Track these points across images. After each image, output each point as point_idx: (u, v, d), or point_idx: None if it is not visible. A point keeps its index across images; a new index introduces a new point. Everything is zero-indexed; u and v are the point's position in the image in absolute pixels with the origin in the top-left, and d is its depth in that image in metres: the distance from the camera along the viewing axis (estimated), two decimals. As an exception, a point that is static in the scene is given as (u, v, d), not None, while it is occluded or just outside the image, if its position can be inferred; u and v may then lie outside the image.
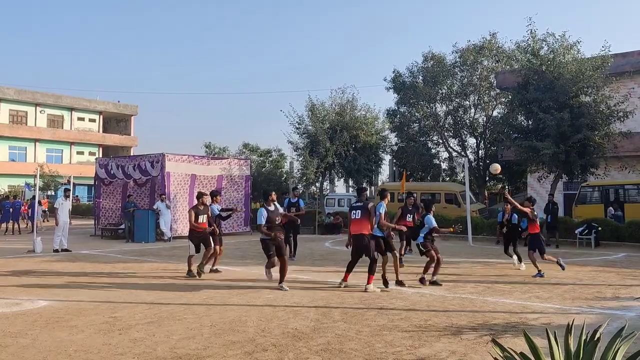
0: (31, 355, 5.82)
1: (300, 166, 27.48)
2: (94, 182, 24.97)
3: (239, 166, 24.32)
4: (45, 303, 8.63)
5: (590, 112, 20.58)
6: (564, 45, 21.61)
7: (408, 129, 34.52)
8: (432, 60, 34.24)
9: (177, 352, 5.96)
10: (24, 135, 54.25)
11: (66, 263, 13.83)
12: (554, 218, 19.27)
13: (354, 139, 27.14)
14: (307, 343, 6.39)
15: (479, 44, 33.58)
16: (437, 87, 33.08)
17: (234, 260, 14.59)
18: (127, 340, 6.45)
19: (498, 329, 7.10)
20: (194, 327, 7.09)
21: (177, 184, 21.48)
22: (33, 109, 56.14)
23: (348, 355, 5.89)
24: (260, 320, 7.48)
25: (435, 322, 7.47)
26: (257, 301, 8.88)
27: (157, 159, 21.42)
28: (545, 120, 20.25)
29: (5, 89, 53.78)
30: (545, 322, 7.42)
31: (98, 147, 60.08)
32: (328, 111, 27.94)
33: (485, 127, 34.17)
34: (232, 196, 23.75)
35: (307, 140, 27.41)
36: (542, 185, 26.76)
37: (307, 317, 7.70)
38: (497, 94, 33.08)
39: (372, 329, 7.09)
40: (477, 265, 13.75)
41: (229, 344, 6.35)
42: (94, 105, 60.65)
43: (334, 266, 13.17)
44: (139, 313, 7.94)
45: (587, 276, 12.00)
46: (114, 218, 24.06)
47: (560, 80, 20.79)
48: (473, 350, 6.11)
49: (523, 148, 21.72)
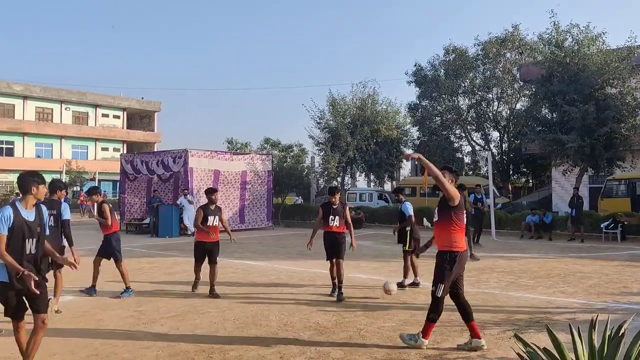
0: (59, 349, 5.94)
1: (322, 161, 27.51)
2: (120, 178, 25.29)
3: (262, 161, 24.42)
4: (72, 297, 8.80)
5: (616, 104, 20.24)
6: (588, 37, 21.27)
7: (430, 122, 34.30)
8: (454, 54, 33.96)
9: (201, 346, 6.04)
10: (50, 132, 55.12)
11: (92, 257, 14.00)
12: (579, 212, 19.01)
13: (375, 133, 27.08)
14: (329, 337, 6.41)
15: (502, 37, 33.21)
16: (459, 80, 32.81)
17: (256, 254, 14.68)
18: (152, 334, 6.55)
19: (521, 324, 7.04)
20: (217, 321, 7.16)
21: (200, 180, 21.66)
22: (59, 106, 56.98)
23: (369, 350, 5.90)
24: (283, 315, 7.53)
25: (458, 317, 7.40)
26: (280, 295, 8.93)
27: (180, 155, 21.62)
28: (570, 112, 19.98)
29: (32, 86, 54.68)
30: (570, 318, 7.33)
31: (122, 144, 60.79)
32: (349, 105, 27.92)
33: (509, 120, 33.83)
34: (256, 191, 23.87)
35: (328, 134, 27.43)
36: (567, 178, 26.41)
37: (329, 312, 7.72)
38: (521, 86, 32.71)
39: (394, 324, 7.09)
40: (500, 259, 13.65)
41: (252, 338, 6.40)
42: (118, 102, 61.34)
43: (355, 260, 13.18)
44: (163, 307, 8.05)
45: (613, 271, 11.83)
46: (139, 213, 24.35)
47: (585, 72, 20.48)
48: (496, 345, 6.08)
49: (547, 141, 21.45)
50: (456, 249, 5.87)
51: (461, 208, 5.97)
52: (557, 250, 15.86)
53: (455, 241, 5.87)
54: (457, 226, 5.90)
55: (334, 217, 8.81)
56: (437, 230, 6.08)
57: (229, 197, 22.80)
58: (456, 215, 5.90)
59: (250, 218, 23.77)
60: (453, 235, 5.88)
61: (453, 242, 5.87)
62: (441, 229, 5.99)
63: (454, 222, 5.89)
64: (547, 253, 15.16)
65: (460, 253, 5.88)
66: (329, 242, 8.88)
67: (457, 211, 5.91)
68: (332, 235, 8.85)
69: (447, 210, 5.93)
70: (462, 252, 5.91)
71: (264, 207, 24.32)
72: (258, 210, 24.09)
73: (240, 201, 23.29)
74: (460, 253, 5.88)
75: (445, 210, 5.95)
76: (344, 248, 8.86)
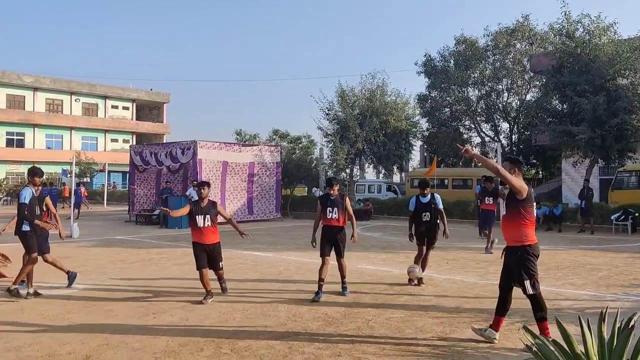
0: (69, 339, 5.99)
1: (330, 152, 27.48)
2: (129, 169, 25.40)
3: (270, 152, 24.43)
4: (82, 287, 8.86)
5: (627, 95, 20.06)
6: (599, 27, 21.07)
7: (439, 113, 34.16)
8: (464, 44, 33.75)
9: (211, 336, 6.07)
10: (60, 123, 55.42)
11: (102, 248, 14.12)
12: (589, 204, 18.91)
13: (384, 125, 26.99)
14: (338, 328, 6.43)
15: (512, 27, 32.95)
16: (469, 71, 32.62)
17: (265, 246, 14.72)
18: (162, 324, 6.59)
19: (530, 316, 7.00)
20: (227, 312, 7.20)
21: (209, 171, 21.71)
22: (68, 98, 57.24)
23: (378, 341, 5.92)
24: (291, 306, 7.56)
25: (467, 309, 7.44)
26: (288, 287, 8.96)
27: (189, 146, 21.67)
28: (580, 104, 19.82)
29: (42, 78, 54.95)
30: (579, 310, 7.31)
31: (132, 135, 61.02)
32: (358, 97, 27.82)
33: (519, 111, 33.63)
34: (265, 182, 23.91)
35: (337, 126, 27.36)
36: (577, 170, 26.23)
37: (338, 303, 7.74)
38: (531, 77, 32.49)
39: (403, 315, 7.09)
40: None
41: (261, 328, 6.43)
42: (127, 93, 61.53)
43: (364, 251, 13.18)
44: (173, 297, 8.09)
45: (623, 263, 11.77)
46: (148, 204, 24.46)
47: (596, 62, 20.29)
48: (505, 337, 6.07)
49: (558, 132, 21.31)
50: (527, 242, 5.67)
51: (530, 200, 5.72)
52: (567, 242, 15.80)
53: (526, 235, 5.67)
54: (527, 220, 5.70)
55: (332, 209, 8.35)
56: (505, 225, 5.85)
57: (237, 188, 22.84)
58: (525, 209, 5.68)
59: (259, 209, 23.82)
60: (523, 230, 5.68)
61: (524, 236, 5.67)
62: (510, 223, 5.76)
63: (524, 216, 5.68)
64: (557, 245, 15.10)
65: (532, 246, 5.69)
66: (327, 238, 8.34)
67: (526, 204, 5.69)
68: (332, 230, 8.34)
69: (515, 204, 5.72)
70: (534, 245, 5.71)
71: (273, 199, 24.35)
72: (267, 201, 24.13)
73: (248, 192, 23.33)
74: (532, 246, 5.69)
75: (513, 204, 5.73)
76: (344, 245, 8.44)
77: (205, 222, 7.97)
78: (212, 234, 8.03)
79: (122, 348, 5.65)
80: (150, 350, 5.62)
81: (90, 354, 5.46)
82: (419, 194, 9.51)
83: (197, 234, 8.00)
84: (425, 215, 9.29)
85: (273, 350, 5.61)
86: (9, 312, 7.23)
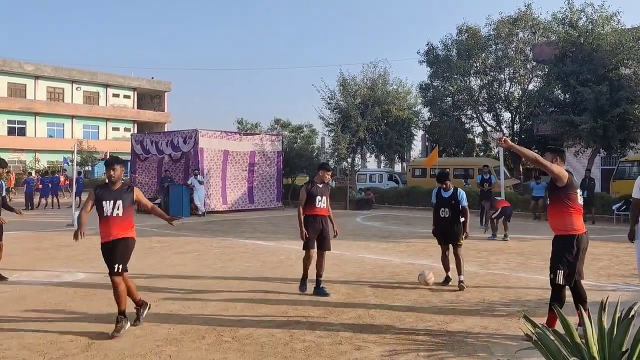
0: (71, 326, 6.02)
1: (332, 142, 27.43)
2: (130, 158, 25.40)
3: (271, 142, 24.39)
4: (84, 275, 8.90)
5: (630, 85, 20.00)
6: (603, 16, 20.96)
7: (441, 103, 34.03)
8: (467, 33, 33.53)
9: (212, 324, 6.10)
10: (62, 111, 55.37)
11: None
12: (591, 194, 18.88)
13: (385, 114, 26.90)
14: (338, 317, 6.45)
15: (514, 16, 32.75)
16: (471, 61, 32.44)
17: (266, 234, 14.74)
18: (163, 312, 6.61)
19: (530, 305, 7.05)
20: (228, 300, 7.22)
21: (210, 160, 21.70)
22: (70, 86, 57.13)
23: (379, 329, 5.94)
24: (292, 294, 7.58)
25: (467, 298, 7.46)
26: (289, 275, 8.97)
27: (190, 135, 21.65)
28: (583, 93, 19.76)
29: (43, 66, 54.81)
30: (580, 299, 7.32)
31: (133, 123, 60.96)
32: (359, 86, 27.72)
33: (521, 101, 33.47)
34: (265, 171, 23.89)
35: (339, 115, 27.30)
36: (579, 160, 26.18)
37: (339, 292, 7.76)
38: (533, 66, 32.30)
39: (404, 303, 7.11)
40: (511, 241, 13.61)
41: (262, 316, 6.46)
42: (129, 81, 61.42)
43: (365, 241, 13.20)
44: (175, 285, 8.13)
45: (624, 253, 11.79)
46: (150, 193, 24.44)
47: (599, 52, 20.21)
48: (505, 326, 6.09)
49: (560, 122, 21.26)
50: (573, 231, 5.50)
51: (572, 188, 5.54)
52: (568, 232, 15.77)
53: (571, 224, 5.51)
54: (572, 207, 5.52)
55: (321, 198, 7.73)
56: (551, 214, 5.70)
57: (238, 177, 22.83)
58: (568, 196, 5.51)
59: (260, 198, 23.82)
60: (568, 218, 5.52)
61: (569, 224, 5.52)
62: (555, 212, 5.62)
63: (567, 204, 5.51)
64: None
65: (579, 236, 5.50)
66: (314, 229, 7.67)
67: (569, 191, 5.52)
68: (319, 220, 7.71)
69: (557, 192, 5.57)
70: (581, 235, 5.52)
71: (274, 188, 24.34)
72: (268, 190, 24.12)
73: (248, 182, 23.31)
74: (579, 236, 5.50)
75: (555, 192, 5.59)
76: (330, 237, 7.85)
77: (114, 209, 5.96)
78: (120, 227, 6.02)
79: (124, 335, 5.68)
80: (152, 337, 5.65)
81: (92, 342, 5.49)
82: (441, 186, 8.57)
83: (103, 226, 6.01)
84: (444, 211, 8.36)
85: (274, 338, 5.63)
86: (11, 300, 7.27)
